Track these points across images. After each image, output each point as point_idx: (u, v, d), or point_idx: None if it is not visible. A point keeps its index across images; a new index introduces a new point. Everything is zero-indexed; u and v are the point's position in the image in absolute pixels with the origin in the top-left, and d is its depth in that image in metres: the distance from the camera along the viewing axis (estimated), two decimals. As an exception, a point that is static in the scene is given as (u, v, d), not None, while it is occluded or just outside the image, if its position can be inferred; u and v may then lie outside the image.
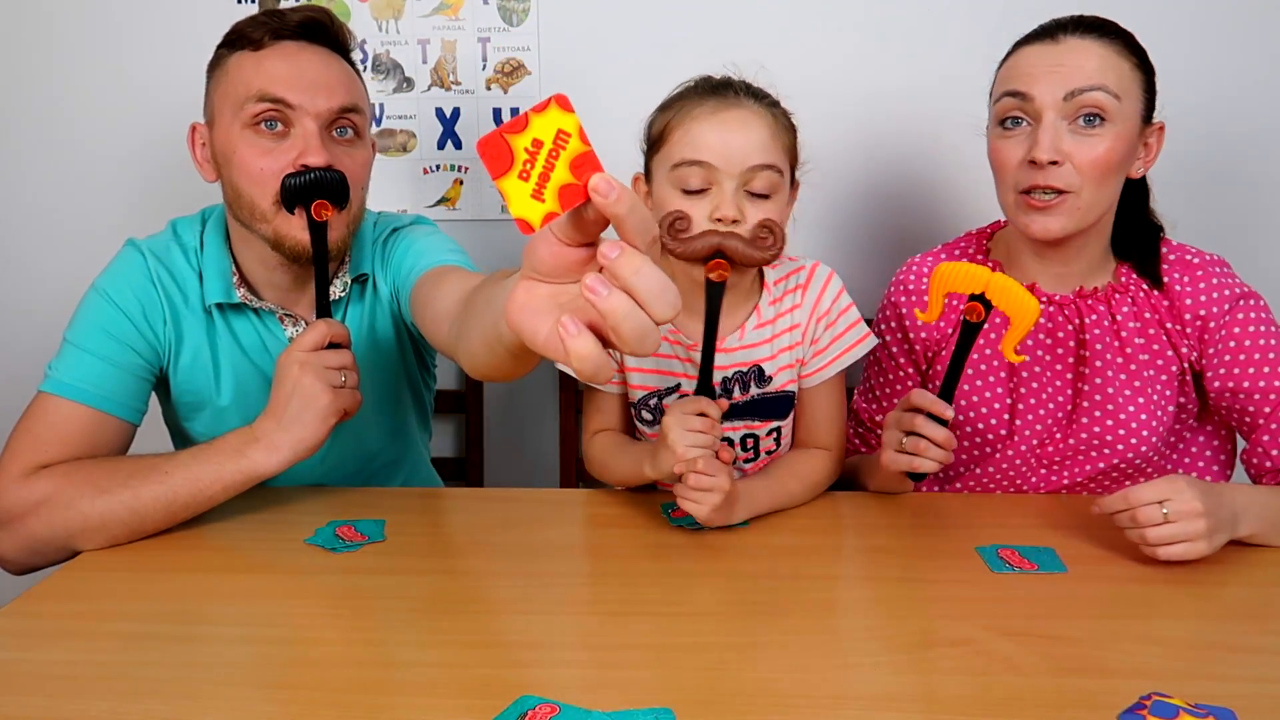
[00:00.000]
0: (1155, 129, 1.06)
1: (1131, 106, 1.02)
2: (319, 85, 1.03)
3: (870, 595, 0.85)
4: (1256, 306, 1.07)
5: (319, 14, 1.06)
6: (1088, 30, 1.02)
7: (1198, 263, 1.10)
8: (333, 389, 0.96)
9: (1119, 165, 1.03)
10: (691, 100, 1.01)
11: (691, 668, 0.73)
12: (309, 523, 1.00)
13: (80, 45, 1.55)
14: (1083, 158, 1.00)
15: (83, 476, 0.95)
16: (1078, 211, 1.03)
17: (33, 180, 1.60)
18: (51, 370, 1.02)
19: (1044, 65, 1.02)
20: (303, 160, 1.01)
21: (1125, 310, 1.10)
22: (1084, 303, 1.11)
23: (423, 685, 0.71)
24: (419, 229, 1.20)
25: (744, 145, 0.97)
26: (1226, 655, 0.75)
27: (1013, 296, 0.91)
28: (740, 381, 1.08)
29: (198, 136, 1.08)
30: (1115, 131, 1.01)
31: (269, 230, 1.03)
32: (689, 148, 0.98)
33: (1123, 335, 1.10)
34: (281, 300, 1.13)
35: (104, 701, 0.69)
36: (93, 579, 0.89)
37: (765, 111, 1.00)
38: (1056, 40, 1.03)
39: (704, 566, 0.90)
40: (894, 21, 1.48)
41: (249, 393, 1.12)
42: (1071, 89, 1.00)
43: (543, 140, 0.50)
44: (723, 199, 0.97)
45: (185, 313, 1.09)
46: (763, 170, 0.97)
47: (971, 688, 0.70)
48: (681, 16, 1.53)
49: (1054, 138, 1.00)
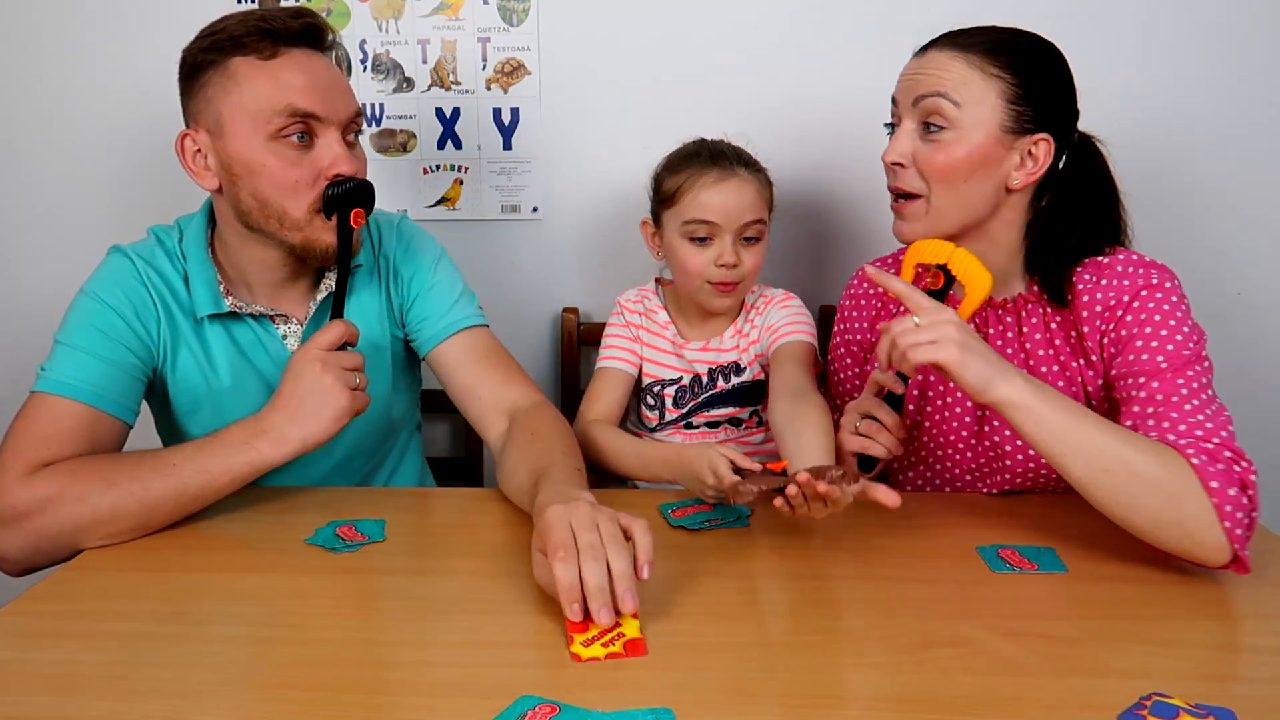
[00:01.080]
0: (1037, 140, 1.03)
1: (981, 114, 1.01)
2: (335, 93, 1.04)
3: (870, 595, 0.85)
4: (1165, 292, 1.01)
5: (314, 18, 1.05)
6: (951, 41, 1.04)
7: (1108, 261, 1.05)
8: (350, 389, 0.98)
9: (966, 170, 1.02)
10: (696, 169, 1.28)
11: (691, 668, 0.73)
12: (309, 523, 1.00)
13: (65, 45, 1.54)
14: (923, 162, 1.03)
15: (89, 472, 0.95)
16: (928, 215, 1.05)
17: (17, 183, 1.59)
18: (45, 370, 1.02)
19: (908, 75, 1.06)
20: (334, 170, 1.03)
21: (1034, 322, 1.09)
22: (991, 314, 1.12)
23: (423, 685, 0.71)
24: (424, 249, 1.23)
25: (739, 206, 1.26)
26: (1226, 655, 0.75)
27: (970, 267, 0.98)
28: (723, 374, 1.36)
29: (190, 144, 1.05)
30: (957, 137, 1.01)
31: (299, 237, 1.04)
32: (698, 209, 1.26)
33: (1028, 347, 1.09)
34: (272, 301, 1.13)
35: (104, 701, 0.69)
36: (93, 579, 0.89)
37: (753, 177, 1.28)
38: (925, 53, 1.06)
39: (704, 566, 0.90)
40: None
41: (248, 392, 1.12)
42: (916, 94, 1.03)
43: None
44: (725, 248, 1.27)
45: (178, 313, 1.10)
46: (753, 224, 1.28)
47: (971, 688, 0.70)
48: (681, 16, 1.53)
49: (903, 142, 1.05)
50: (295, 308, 1.14)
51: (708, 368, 1.37)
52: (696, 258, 1.28)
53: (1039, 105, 1.02)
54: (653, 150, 1.35)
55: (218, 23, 1.03)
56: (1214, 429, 0.91)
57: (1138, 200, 1.55)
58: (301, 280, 1.14)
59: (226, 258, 1.12)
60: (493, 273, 1.62)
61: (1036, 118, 1.02)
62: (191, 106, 1.05)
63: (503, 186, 1.60)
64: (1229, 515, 0.83)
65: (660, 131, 1.38)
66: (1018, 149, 1.03)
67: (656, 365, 1.39)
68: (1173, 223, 1.55)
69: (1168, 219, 1.55)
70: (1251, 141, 1.53)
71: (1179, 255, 1.54)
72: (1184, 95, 1.51)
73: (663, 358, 1.39)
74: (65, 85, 1.56)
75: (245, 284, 1.13)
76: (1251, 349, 1.60)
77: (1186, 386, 0.95)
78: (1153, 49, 1.50)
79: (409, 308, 1.21)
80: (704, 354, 1.37)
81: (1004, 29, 1.05)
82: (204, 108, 1.03)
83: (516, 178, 1.60)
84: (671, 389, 1.38)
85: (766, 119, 1.53)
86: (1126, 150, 1.54)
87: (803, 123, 1.55)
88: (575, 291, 1.64)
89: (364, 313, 1.18)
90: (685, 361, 1.38)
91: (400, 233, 1.23)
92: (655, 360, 1.39)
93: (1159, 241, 1.54)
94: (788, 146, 1.51)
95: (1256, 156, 1.53)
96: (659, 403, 1.38)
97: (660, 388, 1.38)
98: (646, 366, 1.39)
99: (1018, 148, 1.03)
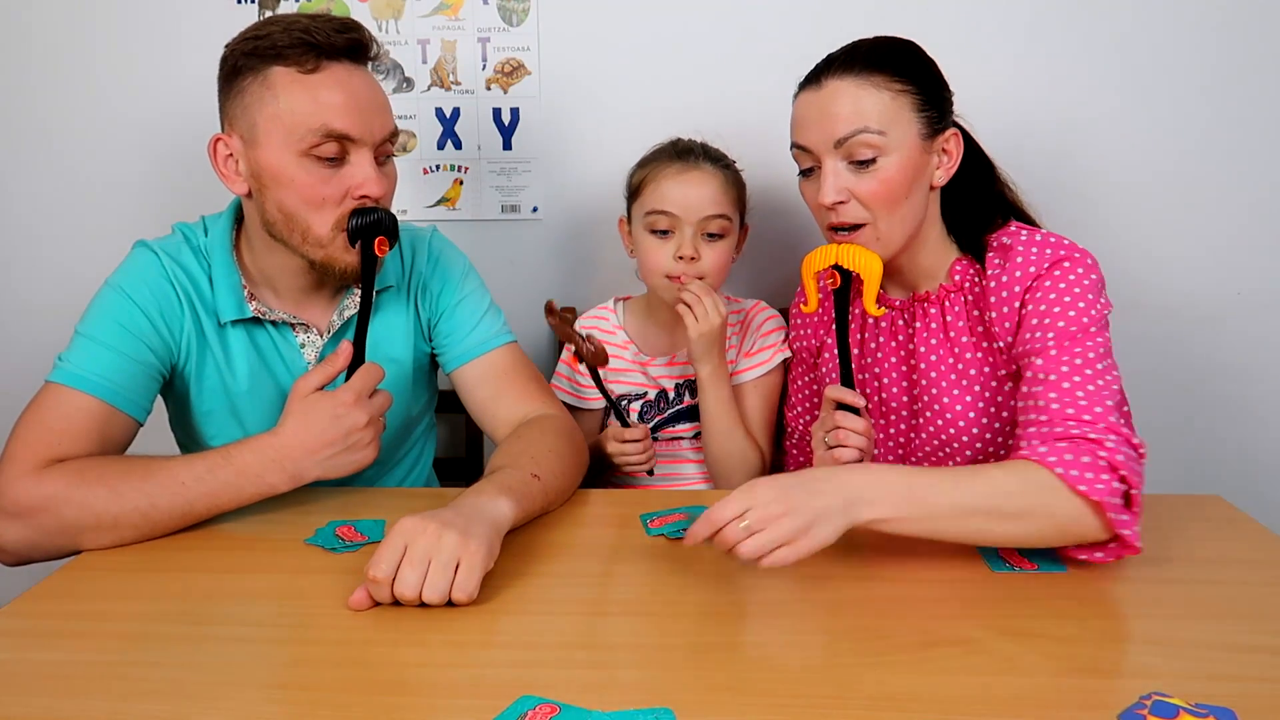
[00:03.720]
0: (948, 136, 1.06)
1: (902, 132, 1.02)
2: (372, 112, 1.03)
3: (870, 595, 0.85)
4: (1064, 270, 1.01)
5: (360, 32, 1.03)
6: (845, 68, 1.03)
7: (1024, 238, 1.05)
8: (375, 442, 1.01)
9: (905, 188, 1.04)
10: (662, 162, 1.27)
11: (691, 668, 0.73)
12: (309, 523, 1.00)
13: (82, 45, 1.55)
14: (863, 193, 1.04)
15: (96, 476, 0.94)
16: (878, 240, 1.06)
17: (32, 182, 1.60)
18: (62, 361, 1.01)
19: (812, 114, 1.05)
20: (362, 191, 1.02)
21: (957, 310, 1.10)
22: (918, 307, 1.13)
23: (423, 685, 0.71)
24: (453, 263, 1.24)
25: (700, 198, 1.24)
26: (1226, 655, 0.75)
27: (859, 256, 1.05)
28: (690, 389, 1.36)
29: (222, 148, 1.04)
30: (889, 162, 1.02)
31: (320, 254, 1.04)
32: (658, 200, 1.26)
33: (951, 336, 1.11)
34: (295, 309, 1.13)
35: (104, 701, 0.69)
36: (93, 579, 0.89)
37: (718, 171, 1.27)
38: (820, 85, 1.05)
39: (703, 567, 0.90)
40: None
41: (264, 397, 1.12)
42: (837, 138, 1.03)
43: None
44: (684, 240, 1.25)
45: (203, 314, 1.09)
46: (715, 218, 1.25)
47: (971, 688, 0.70)
48: (681, 17, 1.53)
49: (834, 180, 1.04)
50: (318, 317, 1.14)
51: (674, 383, 1.36)
52: (656, 251, 1.27)
53: (938, 104, 1.05)
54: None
55: (263, 26, 1.01)
56: (1088, 404, 0.91)
57: (1138, 200, 1.56)
58: (325, 290, 1.14)
59: (253, 261, 1.12)
60: (492, 273, 1.61)
61: (940, 116, 1.05)
62: (228, 110, 1.04)
63: (503, 186, 1.60)
64: (1106, 505, 0.84)
65: (660, 131, 1.38)
66: (935, 150, 1.06)
67: (619, 383, 1.39)
68: (1173, 222, 1.55)
69: (1168, 219, 1.55)
70: (1251, 141, 1.52)
71: (1179, 255, 1.56)
72: (1183, 95, 1.51)
73: (626, 375, 1.39)
74: (83, 84, 1.56)
75: (270, 288, 1.12)
76: (1252, 349, 1.60)
77: (1069, 363, 0.95)
78: (1152, 48, 1.50)
79: (436, 323, 1.21)
80: (669, 369, 1.37)
81: (878, 41, 1.06)
82: (240, 114, 1.02)
83: (516, 178, 1.60)
84: (637, 403, 1.38)
85: (767, 119, 1.52)
86: (1127, 150, 1.55)
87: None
88: (574, 292, 1.64)
89: (391, 330, 1.18)
90: (649, 378, 1.38)
91: (431, 248, 1.22)
92: (620, 379, 1.38)
93: (1158, 242, 1.56)
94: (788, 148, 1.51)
95: (1256, 156, 1.53)
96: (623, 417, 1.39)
97: (626, 402, 1.38)
98: (610, 385, 1.36)
99: (934, 149, 1.06)
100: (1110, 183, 1.54)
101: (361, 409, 0.99)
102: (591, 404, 1.44)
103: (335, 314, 1.14)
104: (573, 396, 1.44)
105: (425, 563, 0.80)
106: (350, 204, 1.03)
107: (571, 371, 1.44)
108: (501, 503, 0.91)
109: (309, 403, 0.98)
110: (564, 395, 1.44)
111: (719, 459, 1.30)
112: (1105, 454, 0.86)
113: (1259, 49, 1.49)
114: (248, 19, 1.13)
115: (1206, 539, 0.97)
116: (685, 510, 1.03)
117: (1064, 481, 0.85)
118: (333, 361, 1.01)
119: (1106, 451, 0.86)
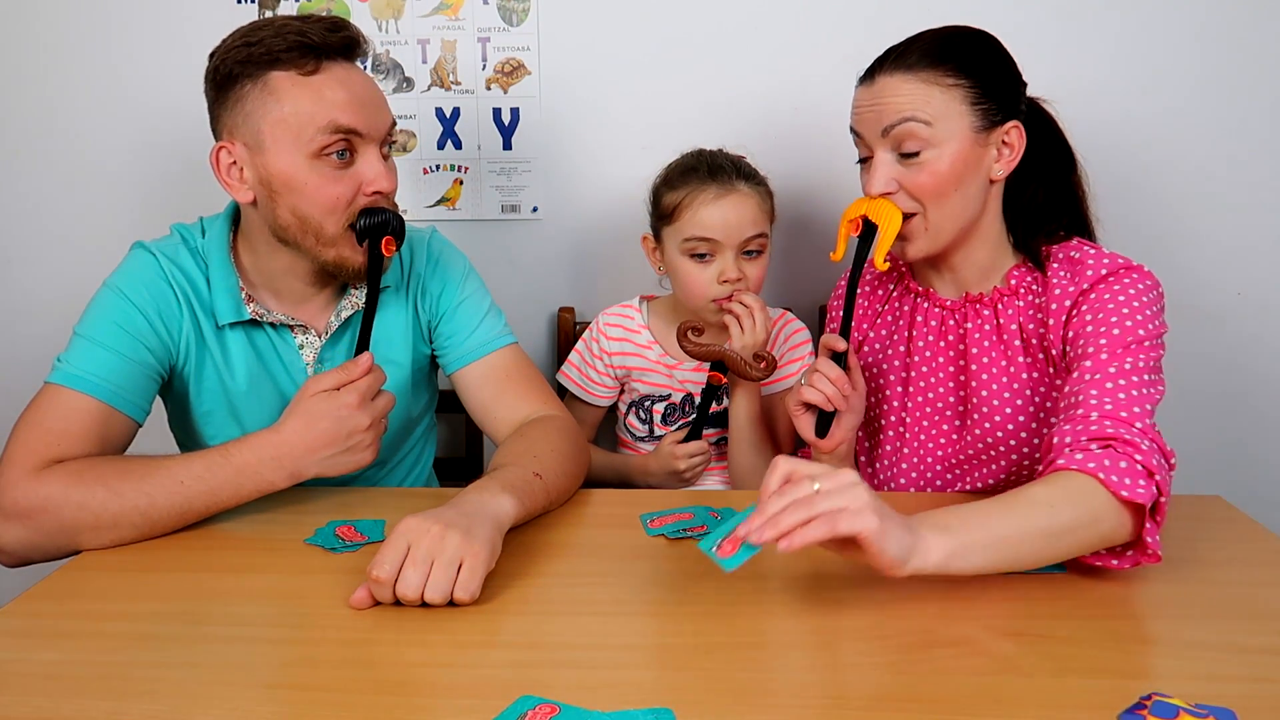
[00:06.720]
0: (1007, 129, 1.05)
1: (953, 124, 1.02)
2: (373, 106, 1.04)
3: (870, 595, 0.85)
4: (1129, 283, 1.00)
5: (351, 29, 1.04)
6: (897, 64, 1.04)
7: (1093, 253, 1.05)
8: (376, 444, 1.01)
9: (955, 181, 1.03)
10: (695, 185, 1.25)
11: (691, 668, 0.73)
12: (309, 523, 1.00)
13: (79, 46, 1.55)
14: (910, 184, 1.04)
15: (95, 476, 0.94)
16: (927, 231, 1.06)
17: (32, 182, 1.60)
18: (61, 362, 1.01)
19: (865, 106, 1.06)
20: (374, 188, 1.03)
21: (1010, 314, 1.10)
22: (970, 308, 1.13)
23: (423, 685, 0.71)
24: (453, 264, 1.23)
25: (740, 221, 1.24)
26: (1226, 655, 0.75)
27: (882, 209, 1.05)
28: (717, 396, 1.32)
29: (225, 157, 1.03)
30: (937, 154, 1.02)
31: (331, 254, 1.05)
32: (698, 226, 1.24)
33: (1004, 338, 1.10)
34: (293, 310, 1.13)
35: (104, 701, 0.69)
36: (93, 579, 0.89)
37: (754, 190, 1.26)
38: (874, 80, 1.06)
39: (703, 567, 0.90)
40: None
41: (263, 397, 1.12)
42: (884, 126, 1.03)
43: None
44: (726, 264, 1.25)
45: (201, 315, 1.09)
46: (755, 238, 1.26)
47: (971, 688, 0.70)
48: (682, 17, 1.53)
49: (884, 171, 1.05)
50: (315, 318, 1.14)
51: (701, 388, 1.35)
52: (698, 275, 1.26)
53: (998, 96, 1.04)
54: (653, 151, 1.35)
55: (252, 33, 1.01)
56: (1127, 406, 0.90)
57: (1138, 201, 1.56)
58: (325, 291, 1.14)
59: (253, 263, 1.12)
60: (492, 273, 1.61)
61: (1000, 108, 1.04)
62: (227, 119, 1.03)
63: (502, 186, 1.60)
64: (1143, 510, 0.84)
65: (660, 132, 1.38)
66: (992, 143, 1.05)
67: (644, 384, 1.39)
68: (1173, 223, 1.55)
69: (1168, 219, 1.55)
70: (1251, 140, 1.53)
71: (1179, 255, 1.56)
72: (1182, 94, 1.51)
73: (649, 376, 1.38)
74: (80, 85, 1.56)
75: (269, 290, 1.12)
76: (1252, 349, 1.60)
77: (1117, 367, 0.94)
78: (1150, 47, 1.50)
79: (437, 324, 1.21)
80: (696, 374, 1.36)
81: (938, 33, 1.06)
82: (241, 121, 1.01)
83: (516, 178, 1.60)
84: (660, 405, 1.38)
85: (767, 120, 1.53)
86: (1127, 150, 1.55)
87: (804, 126, 1.55)
88: (574, 292, 1.64)
89: (390, 331, 1.18)
90: (675, 380, 1.37)
91: (430, 249, 1.22)
92: (642, 379, 1.39)
93: (1158, 242, 1.55)
94: (788, 150, 1.51)
95: (1256, 155, 1.53)
96: (648, 417, 1.40)
97: (650, 403, 1.38)
98: (633, 385, 1.40)
99: (992, 142, 1.05)
100: (1110, 183, 1.54)
101: (365, 411, 0.99)
102: (599, 400, 1.44)
103: (333, 315, 1.14)
104: (581, 390, 1.43)
105: (428, 563, 0.80)
106: (362, 201, 1.04)
107: (583, 363, 1.43)
108: (503, 500, 0.91)
109: (314, 402, 0.98)
110: (573, 387, 1.44)
111: (746, 470, 1.30)
112: (1141, 457, 0.85)
113: (1257, 50, 1.49)
114: (248, 19, 1.13)
115: (1207, 539, 0.97)
116: (685, 510, 1.03)
117: (1105, 487, 0.83)
118: (350, 369, 1.01)
119: (1142, 455, 0.86)
